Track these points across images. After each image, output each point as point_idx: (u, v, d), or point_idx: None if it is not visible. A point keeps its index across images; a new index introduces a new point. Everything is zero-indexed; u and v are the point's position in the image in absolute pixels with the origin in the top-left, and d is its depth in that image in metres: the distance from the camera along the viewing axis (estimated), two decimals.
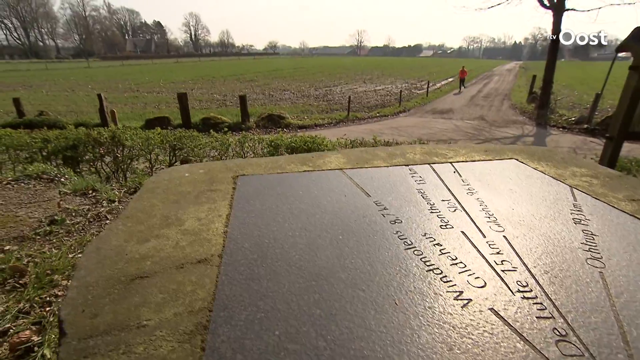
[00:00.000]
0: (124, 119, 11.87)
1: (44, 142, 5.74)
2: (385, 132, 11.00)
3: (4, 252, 2.48)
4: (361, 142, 5.62)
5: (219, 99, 16.54)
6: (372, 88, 21.74)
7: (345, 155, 1.45)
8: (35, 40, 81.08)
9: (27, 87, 22.92)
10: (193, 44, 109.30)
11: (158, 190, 1.11)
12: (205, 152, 5.48)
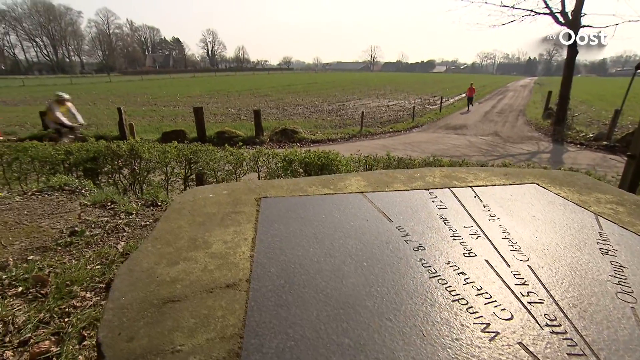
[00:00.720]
0: (141, 132, 12.21)
1: (66, 154, 5.95)
2: (398, 148, 11.00)
3: (27, 261, 2.56)
4: (374, 157, 5.62)
5: (233, 113, 16.88)
6: (385, 103, 21.86)
7: (365, 178, 1.47)
8: (63, 57, 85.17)
9: None
10: (209, 59, 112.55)
11: (184, 211, 1.15)
12: (219, 166, 5.58)
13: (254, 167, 5.52)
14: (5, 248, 2.77)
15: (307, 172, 5.32)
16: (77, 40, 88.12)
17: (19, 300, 2.14)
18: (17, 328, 1.93)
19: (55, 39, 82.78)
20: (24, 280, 2.28)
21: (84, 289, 2.27)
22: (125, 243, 2.88)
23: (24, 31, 78.91)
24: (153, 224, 3.27)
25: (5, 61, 77.26)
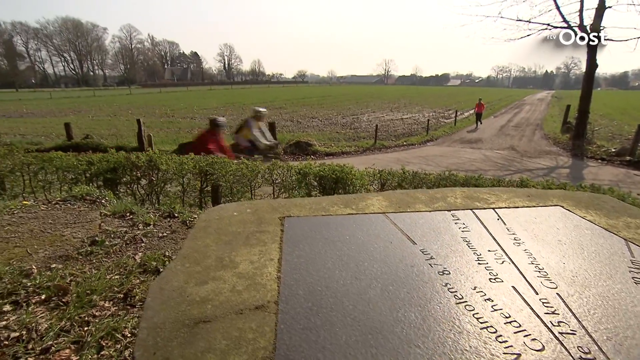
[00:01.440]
0: (159, 143, 12.52)
1: (88, 165, 6.15)
2: (412, 161, 10.94)
3: (50, 269, 2.64)
4: (389, 171, 5.60)
5: None
6: (399, 116, 21.87)
7: (386, 198, 1.48)
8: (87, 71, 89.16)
9: (77, 112, 24.85)
10: (226, 72, 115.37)
11: (210, 229, 1.18)
12: (235, 178, 5.67)
13: (269, 180, 5.58)
14: (30, 256, 2.86)
15: (321, 186, 5.34)
16: (101, 55, 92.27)
17: (42, 307, 2.19)
18: (40, 335, 1.98)
19: (82, 54, 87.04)
20: (47, 288, 2.34)
21: (103, 298, 2.32)
22: (143, 254, 2.93)
23: (54, 47, 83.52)
24: (170, 235, 3.33)
25: (35, 75, 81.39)
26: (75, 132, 13.48)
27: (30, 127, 17.40)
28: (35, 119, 21.29)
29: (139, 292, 2.36)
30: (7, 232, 3.27)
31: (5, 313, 2.09)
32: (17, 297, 2.22)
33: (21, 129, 16.70)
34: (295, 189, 5.49)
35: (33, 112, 25.52)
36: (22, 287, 2.31)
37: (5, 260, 2.73)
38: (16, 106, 30.42)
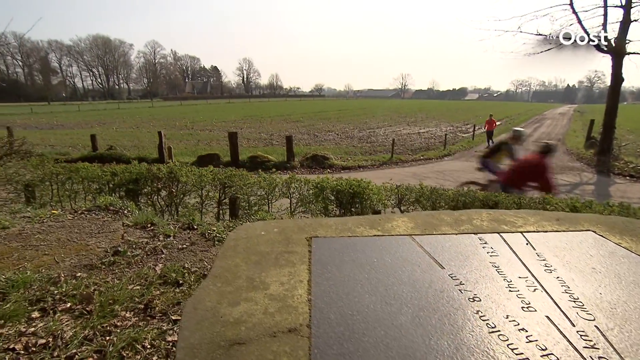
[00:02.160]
0: (178, 155, 12.83)
1: (112, 175, 6.36)
2: (429, 176, 10.83)
3: (75, 278, 2.71)
4: (407, 187, 5.55)
5: (265, 138, 17.44)
6: (416, 131, 21.77)
7: (412, 220, 1.48)
8: (113, 84, 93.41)
9: (102, 124, 25.87)
10: (244, 86, 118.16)
11: (239, 248, 1.20)
12: (252, 191, 5.74)
13: (286, 193, 5.62)
14: (58, 264, 2.96)
15: (338, 200, 5.34)
16: (126, 69, 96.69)
17: (67, 315, 2.25)
18: (65, 343, 2.03)
19: (109, 69, 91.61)
20: (72, 297, 2.41)
21: (125, 308, 2.37)
22: (163, 265, 2.99)
23: (84, 63, 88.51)
24: (190, 247, 3.38)
25: (66, 89, 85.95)
26: (100, 143, 14.00)
27: (60, 138, 18.20)
28: (64, 131, 22.27)
29: (159, 303, 2.40)
30: (37, 240, 3.41)
31: (34, 319, 2.17)
32: (45, 304, 2.29)
33: (51, 140, 17.49)
34: (312, 202, 5.51)
35: (62, 124, 26.73)
36: (50, 295, 2.39)
37: (35, 267, 2.83)
38: (48, 118, 31.97)
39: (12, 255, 3.03)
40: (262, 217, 4.25)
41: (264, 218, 4.16)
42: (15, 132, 15.84)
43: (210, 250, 3.30)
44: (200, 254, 3.23)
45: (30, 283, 2.53)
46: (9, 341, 1.94)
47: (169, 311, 2.36)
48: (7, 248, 3.18)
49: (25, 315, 2.18)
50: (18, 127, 19.92)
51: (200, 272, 2.82)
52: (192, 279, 2.70)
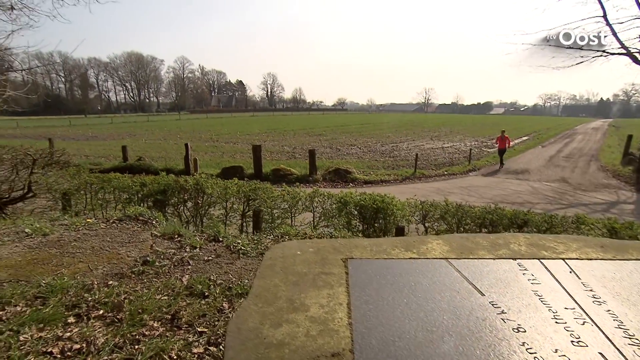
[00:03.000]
0: (203, 166, 13.17)
1: (141, 186, 6.61)
2: (454, 192, 10.60)
3: (107, 286, 2.81)
4: (431, 203, 5.45)
5: (288, 151, 17.67)
6: (440, 145, 21.47)
7: (447, 242, 1.45)
8: (144, 98, 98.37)
9: (132, 136, 27.08)
10: (268, 99, 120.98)
11: (276, 268, 1.22)
12: (276, 204, 5.80)
13: (309, 207, 5.64)
14: (91, 272, 3.08)
15: (361, 215, 5.31)
16: (156, 84, 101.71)
17: (100, 322, 2.32)
18: (97, 349, 2.09)
19: (140, 83, 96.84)
20: (104, 304, 2.49)
21: (153, 318, 2.41)
22: (190, 276, 3.04)
23: (119, 78, 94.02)
24: (215, 259, 3.42)
25: (101, 103, 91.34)
26: (130, 154, 14.63)
27: (94, 149, 19.17)
28: (98, 142, 23.46)
29: (185, 314, 2.44)
30: (73, 247, 3.57)
31: (69, 325, 2.25)
32: (80, 310, 2.38)
33: (86, 151, 18.44)
34: (335, 217, 5.50)
35: (96, 136, 28.19)
36: (84, 301, 2.48)
37: (71, 274, 2.96)
38: (84, 130, 33.86)
39: (51, 261, 3.18)
40: (285, 231, 4.27)
41: (288, 233, 4.18)
42: (55, 143, 16.84)
43: (235, 263, 3.34)
44: (225, 266, 3.27)
45: (67, 289, 2.64)
46: (47, 344, 2.02)
47: (195, 323, 2.39)
48: (47, 254, 3.34)
49: (62, 320, 2.27)
50: (58, 139, 21.14)
51: (226, 285, 2.86)
52: (218, 292, 2.74)
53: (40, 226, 4.07)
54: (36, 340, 2.03)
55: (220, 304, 2.59)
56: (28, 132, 29.84)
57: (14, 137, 21.35)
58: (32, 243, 3.60)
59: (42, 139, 20.37)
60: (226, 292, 2.74)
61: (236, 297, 2.67)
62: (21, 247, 3.47)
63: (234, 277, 3.01)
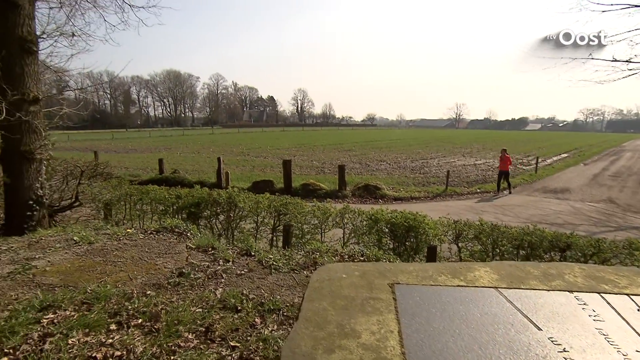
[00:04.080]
0: (235, 180, 13.50)
1: (176, 198, 6.87)
2: (487, 210, 10.18)
3: (146, 296, 2.90)
4: (465, 222, 5.25)
5: (317, 166, 17.79)
6: (472, 162, 20.83)
7: (495, 270, 1.38)
8: (180, 113, 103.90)
9: (168, 149, 28.42)
10: (298, 114, 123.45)
11: (323, 291, 1.21)
12: (306, 220, 5.81)
13: (339, 223, 5.60)
14: (131, 281, 3.21)
15: (392, 233, 5.20)
16: (192, 100, 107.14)
17: (139, 331, 2.40)
18: (136, 357, 2.15)
19: (177, 99, 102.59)
20: (143, 313, 2.57)
21: (187, 330, 2.46)
22: (223, 290, 3.08)
23: (158, 94, 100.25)
24: (247, 273, 3.46)
25: (141, 117, 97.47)
26: (165, 166, 15.31)
27: (133, 161, 20.27)
28: (137, 154, 24.80)
29: (218, 327, 2.47)
30: (115, 256, 3.75)
31: (111, 332, 2.34)
32: (121, 318, 2.47)
33: (126, 163, 19.53)
34: (365, 234, 5.42)
35: (135, 149, 29.84)
36: (125, 310, 2.58)
37: (113, 282, 3.10)
38: (124, 143, 36.00)
39: (96, 268, 3.35)
40: (316, 248, 4.26)
41: (319, 249, 4.17)
42: (100, 155, 18.00)
43: (267, 278, 3.35)
44: (257, 281, 3.30)
45: (110, 297, 2.76)
46: (92, 349, 2.11)
47: (228, 337, 2.41)
48: (92, 262, 3.52)
49: (105, 327, 2.37)
50: (102, 151, 22.59)
51: (258, 300, 2.87)
52: (250, 306, 2.76)
53: (86, 234, 4.32)
54: (82, 344, 2.13)
55: (253, 319, 2.60)
56: (77, 144, 32.17)
57: (65, 150, 23.04)
58: (79, 250, 3.83)
59: (89, 152, 21.85)
60: (258, 307, 2.76)
61: (268, 312, 2.68)
62: (70, 254, 3.70)
63: (266, 292, 3.03)
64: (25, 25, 4.86)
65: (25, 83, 4.93)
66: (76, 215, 7.46)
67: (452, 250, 5.11)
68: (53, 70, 7.30)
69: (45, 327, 2.30)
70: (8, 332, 2.13)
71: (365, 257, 4.09)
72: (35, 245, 3.98)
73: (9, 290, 2.83)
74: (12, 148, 4.98)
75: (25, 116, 4.88)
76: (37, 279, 3.04)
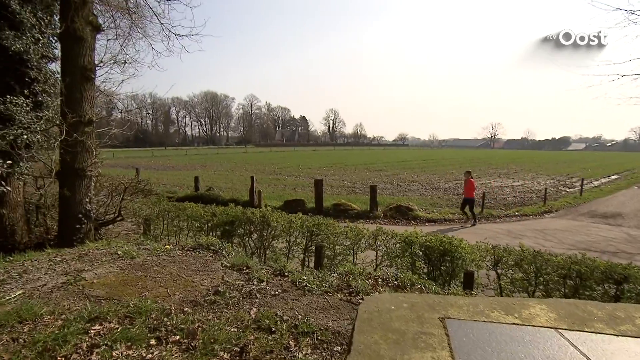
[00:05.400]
0: (266, 198, 13.72)
1: (212, 216, 7.07)
2: (527, 235, 9.62)
3: (183, 313, 2.97)
4: (505, 248, 4.98)
5: (349, 186, 17.75)
6: (509, 183, 19.94)
7: (552, 308, 1.29)
8: (215, 132, 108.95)
9: (203, 167, 29.60)
10: (330, 134, 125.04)
11: (373, 323, 1.19)
12: (338, 241, 5.77)
13: (372, 245, 5.51)
14: (169, 297, 3.30)
15: (427, 257, 5.03)
16: (227, 119, 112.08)
17: (176, 347, 2.45)
18: None
19: (213, 119, 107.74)
20: (180, 330, 2.63)
21: (223, 349, 2.47)
22: (257, 310, 3.09)
23: (195, 114, 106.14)
24: (281, 294, 3.45)
25: (179, 136, 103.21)
26: (200, 183, 15.89)
27: (170, 178, 21.26)
28: (174, 172, 26.03)
29: (253, 348, 2.47)
30: (154, 272, 3.89)
31: (151, 346, 2.41)
32: (160, 334, 2.54)
33: (164, 179, 20.51)
34: (398, 257, 5.29)
35: (173, 166, 31.36)
36: (163, 325, 2.65)
37: (153, 297, 3.20)
38: (163, 161, 37.99)
39: (137, 283, 3.50)
40: (349, 270, 4.20)
41: (352, 271, 4.10)
42: (141, 172, 19.07)
43: (301, 299, 3.34)
44: (291, 302, 3.29)
45: (150, 311, 2.85)
46: None
47: (262, 358, 2.40)
48: (134, 276, 3.68)
49: (146, 341, 2.44)
50: (142, 168, 23.92)
51: (292, 322, 2.85)
52: (284, 328, 2.74)
53: (128, 249, 4.54)
54: (125, 357, 2.20)
55: (287, 341, 2.59)
56: (120, 161, 34.34)
57: (110, 167, 24.68)
58: (123, 264, 4.02)
59: (131, 168, 23.22)
60: (292, 329, 2.74)
61: (302, 335, 2.65)
62: (114, 267, 3.89)
63: (299, 314, 3.01)
64: (86, 55, 5.37)
65: (82, 107, 5.40)
66: (118, 229, 7.89)
67: (491, 276, 4.86)
68: (106, 94, 7.96)
69: (93, 337, 2.41)
70: (61, 340, 2.25)
71: (400, 282, 3.98)
72: (85, 257, 4.23)
73: (62, 299, 3.01)
74: (68, 165, 5.41)
75: (81, 136, 5.31)
76: (86, 290, 3.21)
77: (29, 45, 5.41)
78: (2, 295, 3.10)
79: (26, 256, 4.40)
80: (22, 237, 6.19)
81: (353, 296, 3.34)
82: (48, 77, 6.01)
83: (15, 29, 5.32)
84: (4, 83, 5.35)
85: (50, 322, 2.57)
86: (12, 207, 5.99)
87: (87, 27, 5.27)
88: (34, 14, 5.55)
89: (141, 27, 7.42)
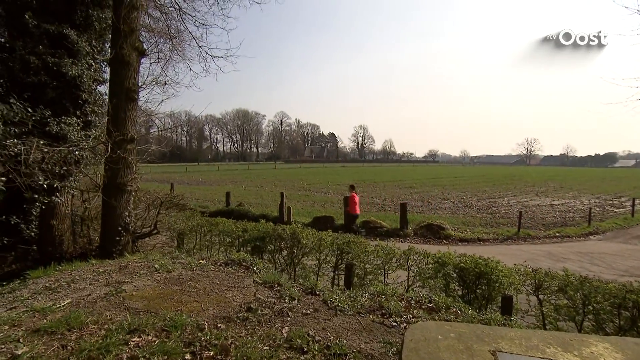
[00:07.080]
0: (296, 214, 13.78)
1: (243, 232, 7.19)
2: (570, 258, 8.97)
3: (217, 328, 2.99)
4: (547, 272, 4.65)
5: (378, 203, 17.50)
6: (548, 202, 18.86)
7: (617, 348, 1.18)
8: (246, 148, 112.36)
9: (234, 182, 30.38)
10: (359, 151, 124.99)
11: (421, 352, 1.15)
12: (369, 260, 5.66)
13: (404, 265, 5.36)
14: (203, 312, 3.35)
15: (461, 278, 4.81)
16: (257, 136, 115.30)
17: None
18: None
19: (244, 136, 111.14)
20: (214, 346, 2.65)
21: None
22: (289, 329, 3.06)
23: (227, 131, 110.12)
24: (313, 313, 3.41)
25: (211, 152, 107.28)
26: (231, 199, 16.27)
27: (202, 193, 21.96)
28: (206, 187, 26.88)
29: None
30: (189, 286, 3.97)
31: None
32: (194, 349, 2.57)
33: (196, 194, 21.22)
34: (431, 278, 5.10)
35: (205, 181, 32.43)
36: (198, 340, 2.68)
37: (188, 311, 3.26)
38: (196, 176, 39.41)
39: (173, 297, 3.58)
40: (381, 290, 4.08)
41: (384, 292, 3.99)
42: (175, 187, 19.88)
43: (333, 319, 3.28)
44: (323, 322, 3.23)
45: (185, 326, 2.91)
46: None
47: None
48: (170, 290, 3.78)
49: (181, 355, 2.48)
50: (177, 183, 24.92)
51: (324, 343, 2.80)
52: (316, 349, 2.70)
53: (165, 263, 4.68)
54: None
55: None
56: (156, 176, 35.99)
57: (147, 181, 25.91)
58: (159, 278, 4.14)
59: (165, 183, 24.25)
60: (325, 350, 2.69)
61: (334, 357, 2.59)
62: (152, 280, 4.02)
63: (331, 335, 2.96)
64: (131, 78, 5.76)
65: (126, 125, 5.76)
66: (153, 241, 8.19)
67: (531, 302, 4.55)
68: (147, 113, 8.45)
69: (132, 349, 2.48)
70: (104, 350, 2.34)
71: (434, 304, 3.82)
72: (124, 269, 4.42)
73: (105, 310, 3.14)
74: (111, 180, 5.74)
75: (123, 153, 5.64)
76: (126, 302, 3.34)
77: (83, 71, 5.91)
78: (54, 302, 3.30)
79: (73, 266, 4.67)
80: (68, 247, 6.59)
81: (386, 318, 3.24)
82: (97, 98, 6.52)
83: (73, 56, 5.84)
84: (60, 105, 5.84)
85: (94, 332, 2.69)
86: (61, 219, 6.41)
87: (133, 53, 5.68)
88: (89, 43, 6.08)
89: (180, 50, 7.93)
